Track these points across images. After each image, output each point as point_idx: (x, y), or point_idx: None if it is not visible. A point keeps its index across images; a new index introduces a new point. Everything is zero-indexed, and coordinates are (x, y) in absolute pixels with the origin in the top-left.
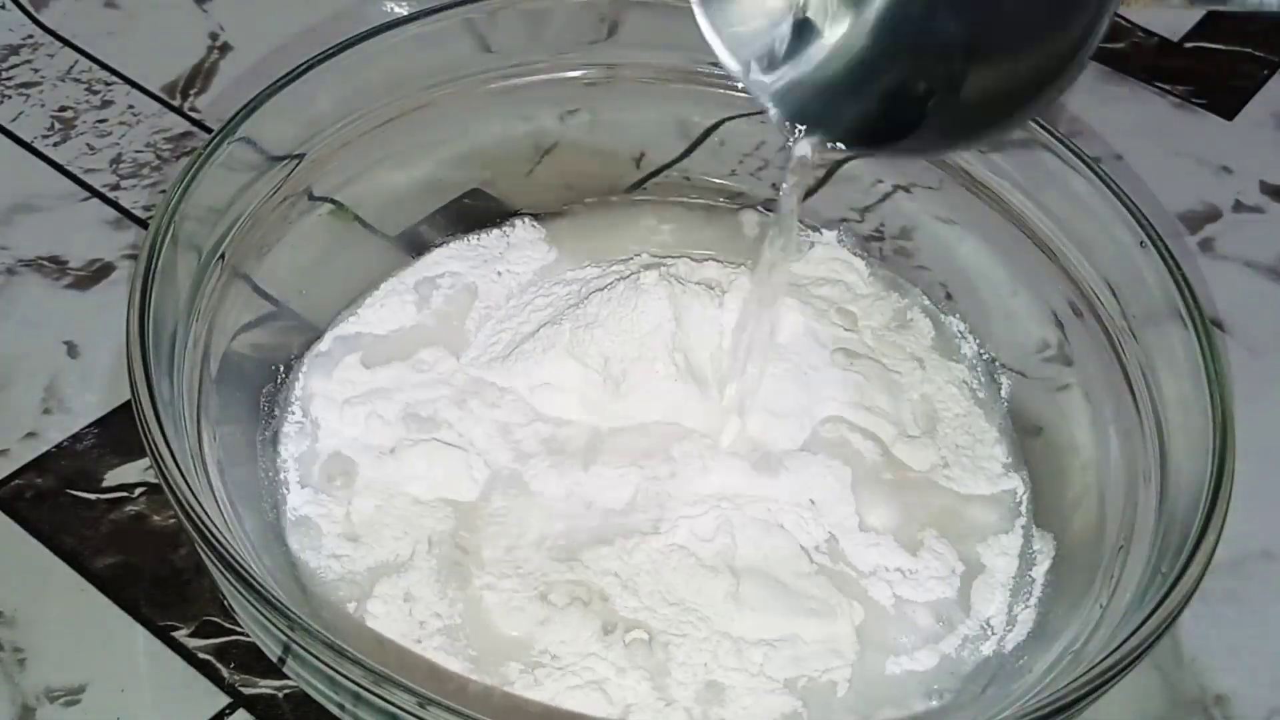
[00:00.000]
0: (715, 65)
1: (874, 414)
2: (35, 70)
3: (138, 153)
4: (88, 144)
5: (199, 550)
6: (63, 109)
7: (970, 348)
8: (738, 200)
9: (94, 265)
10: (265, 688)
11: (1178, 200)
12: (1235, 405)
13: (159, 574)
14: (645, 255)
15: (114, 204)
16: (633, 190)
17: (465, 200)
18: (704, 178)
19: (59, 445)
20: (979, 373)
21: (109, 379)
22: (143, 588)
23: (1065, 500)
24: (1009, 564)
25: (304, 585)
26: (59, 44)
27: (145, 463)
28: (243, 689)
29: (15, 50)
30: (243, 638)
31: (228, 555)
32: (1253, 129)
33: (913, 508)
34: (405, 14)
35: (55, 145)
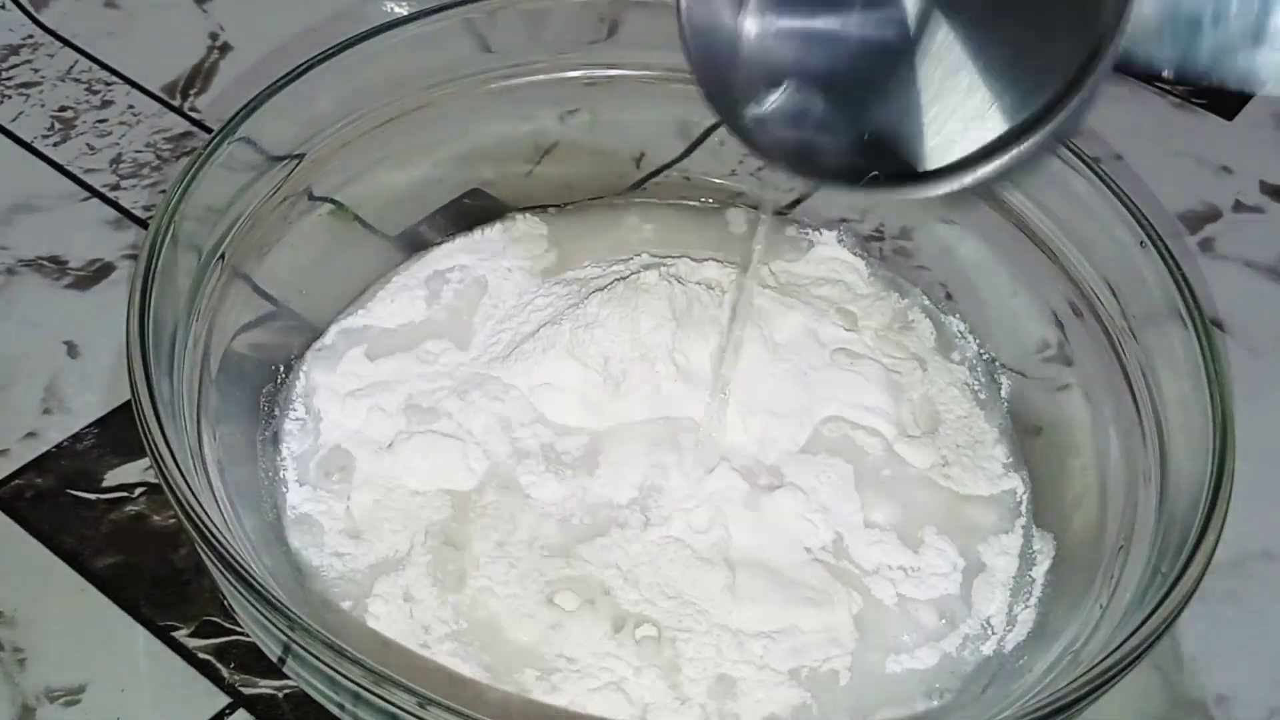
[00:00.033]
0: None
1: (874, 414)
2: (35, 70)
3: (138, 153)
4: (88, 144)
5: (199, 550)
6: (63, 109)
7: (970, 348)
8: (738, 200)
9: (94, 265)
10: (265, 688)
11: (1178, 200)
12: (1235, 405)
13: (159, 574)
14: (645, 255)
15: (114, 204)
16: (633, 190)
17: (465, 200)
18: (704, 178)
19: (59, 445)
20: (979, 373)
21: (109, 379)
22: (143, 588)
23: (1065, 500)
24: (1009, 563)
25: (306, 584)
26: (59, 44)
27: (145, 463)
28: (243, 689)
29: (15, 50)
30: (243, 638)
31: (228, 555)
32: (1253, 129)
33: (914, 505)
34: (405, 14)
35: (55, 145)
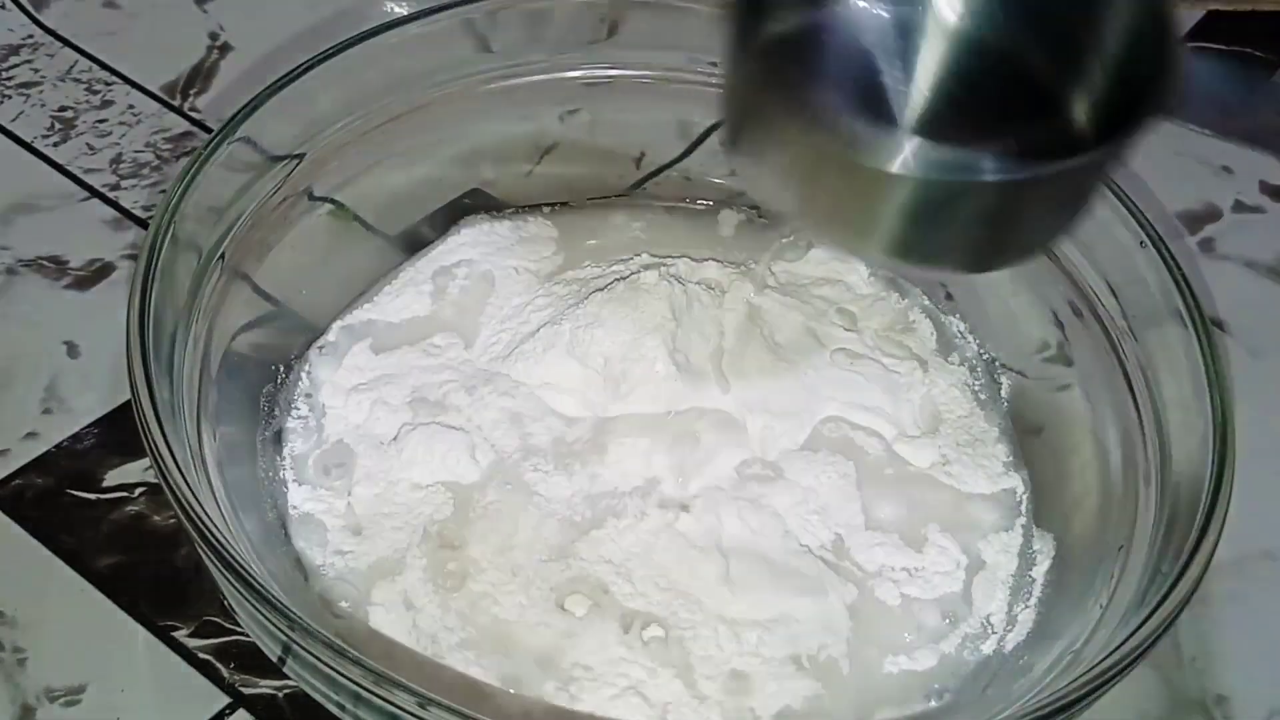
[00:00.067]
0: (715, 65)
1: (874, 414)
2: (35, 70)
3: (138, 153)
4: (88, 144)
5: (199, 550)
6: (63, 109)
7: (970, 348)
8: (738, 201)
9: (94, 265)
10: (265, 688)
11: (1178, 200)
12: (1235, 405)
13: (159, 574)
14: (645, 255)
15: (114, 204)
16: (633, 190)
17: (465, 200)
18: (704, 178)
19: (59, 445)
20: (979, 373)
21: (109, 379)
22: (143, 588)
23: (1065, 500)
24: (1009, 561)
25: (308, 584)
26: (59, 44)
27: (145, 463)
28: (243, 689)
29: (15, 50)
30: (243, 638)
31: (228, 555)
32: None
33: (915, 503)
34: (405, 14)
35: (55, 145)
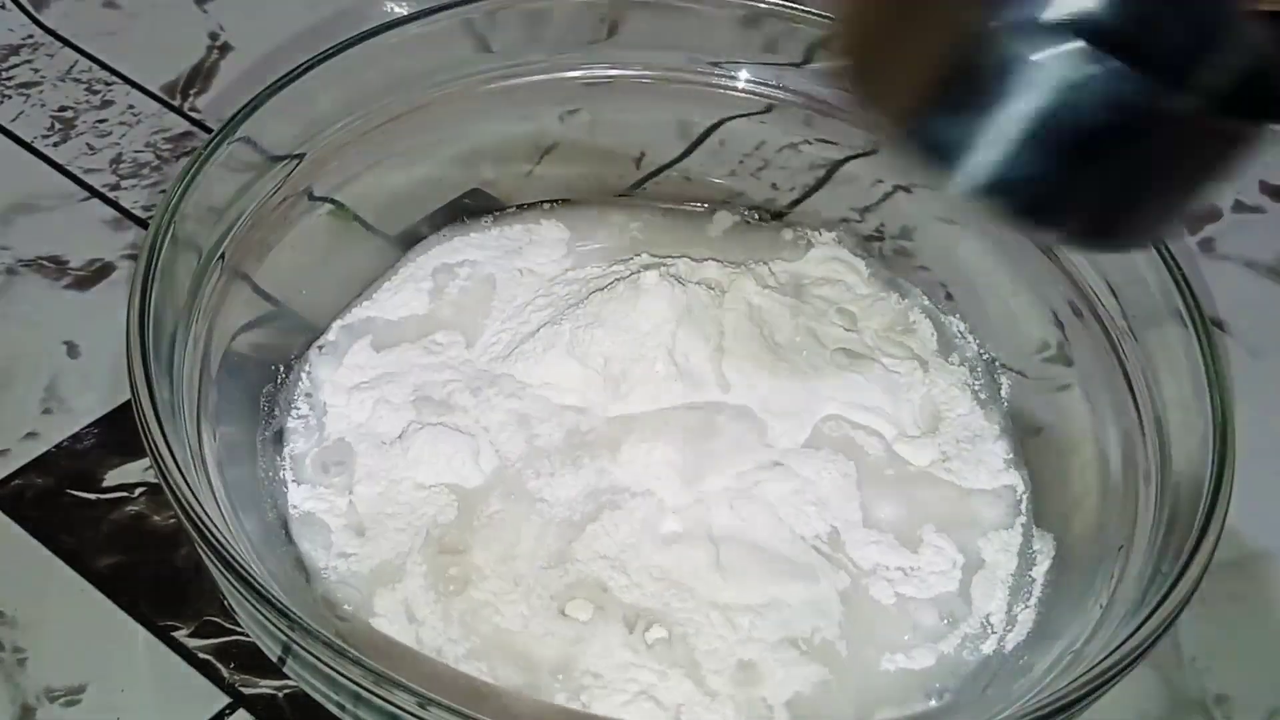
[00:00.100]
0: (715, 65)
1: (874, 414)
2: (35, 70)
3: (138, 153)
4: (88, 144)
5: (199, 550)
6: (63, 109)
7: (970, 348)
8: (738, 201)
9: (94, 265)
10: (265, 688)
11: None
12: (1235, 405)
13: (159, 574)
14: (645, 255)
15: (114, 204)
16: (633, 190)
17: (465, 200)
18: (704, 178)
19: (59, 445)
20: (979, 373)
21: (109, 379)
22: (143, 588)
23: (1065, 500)
24: (1009, 560)
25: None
26: (59, 44)
27: (145, 463)
28: (243, 689)
29: (15, 50)
30: (243, 638)
31: (228, 555)
32: None
33: (915, 502)
34: (405, 14)
35: (55, 145)
